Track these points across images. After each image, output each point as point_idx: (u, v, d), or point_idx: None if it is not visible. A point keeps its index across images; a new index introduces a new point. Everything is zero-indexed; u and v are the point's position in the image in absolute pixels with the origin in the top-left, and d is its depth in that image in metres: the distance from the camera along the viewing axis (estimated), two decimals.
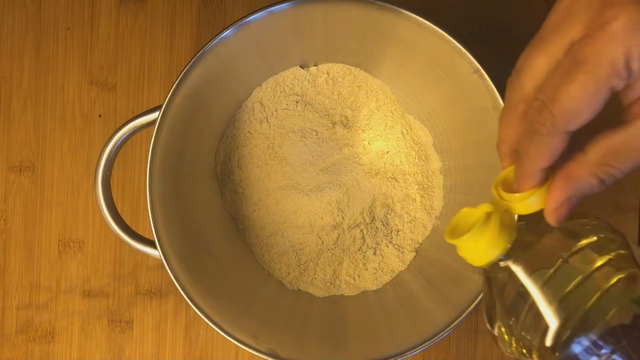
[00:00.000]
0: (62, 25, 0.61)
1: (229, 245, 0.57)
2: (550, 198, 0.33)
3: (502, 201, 0.34)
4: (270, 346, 0.49)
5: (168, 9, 0.61)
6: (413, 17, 0.47)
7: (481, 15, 0.60)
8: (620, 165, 0.31)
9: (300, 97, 0.57)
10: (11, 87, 0.61)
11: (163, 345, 0.61)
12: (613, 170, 0.31)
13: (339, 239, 0.57)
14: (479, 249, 0.34)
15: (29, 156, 0.61)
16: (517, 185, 0.34)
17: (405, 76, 0.56)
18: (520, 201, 0.33)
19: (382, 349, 0.50)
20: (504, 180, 0.35)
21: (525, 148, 0.32)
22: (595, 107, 0.29)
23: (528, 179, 0.33)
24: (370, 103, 0.58)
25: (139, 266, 0.61)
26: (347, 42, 0.54)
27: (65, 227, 0.61)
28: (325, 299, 0.58)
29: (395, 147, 0.58)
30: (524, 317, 0.34)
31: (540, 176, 0.33)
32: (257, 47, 0.52)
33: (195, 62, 0.48)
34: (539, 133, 0.31)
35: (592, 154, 0.31)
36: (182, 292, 0.48)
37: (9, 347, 0.61)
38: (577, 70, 0.29)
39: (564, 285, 0.33)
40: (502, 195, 0.34)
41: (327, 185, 0.56)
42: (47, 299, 0.61)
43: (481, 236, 0.34)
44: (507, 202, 0.34)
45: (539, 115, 0.30)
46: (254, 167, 0.57)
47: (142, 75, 0.61)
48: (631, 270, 0.33)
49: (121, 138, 0.49)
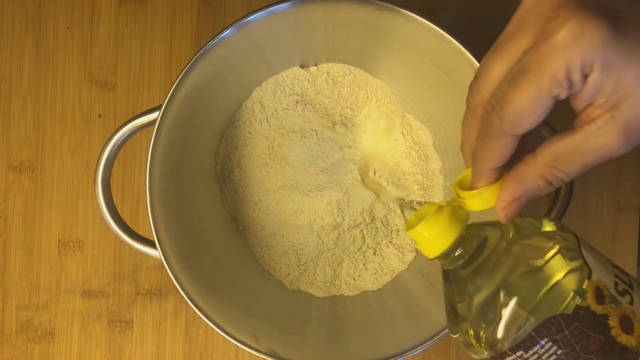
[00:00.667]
0: (62, 25, 0.61)
1: (229, 246, 0.57)
2: (500, 196, 0.34)
3: (458, 199, 0.37)
4: (270, 346, 0.49)
5: (168, 9, 0.61)
6: (413, 17, 0.47)
7: (481, 15, 0.60)
8: (567, 169, 0.32)
9: (300, 97, 0.57)
10: (11, 86, 0.61)
11: (163, 345, 0.61)
12: (560, 174, 0.33)
13: (339, 239, 0.57)
14: (431, 239, 0.36)
15: (29, 156, 0.61)
16: (473, 183, 0.36)
17: (405, 76, 0.56)
18: (472, 198, 0.36)
19: (382, 349, 0.50)
20: (462, 180, 0.37)
21: (477, 148, 0.34)
22: (538, 114, 0.31)
23: (480, 177, 0.35)
24: (370, 103, 0.58)
25: (139, 266, 0.61)
26: (347, 42, 0.54)
27: (65, 227, 0.61)
28: (325, 299, 0.58)
29: (395, 147, 0.58)
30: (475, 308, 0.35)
31: (492, 175, 0.35)
32: (257, 47, 0.52)
33: (195, 62, 0.48)
34: (487, 134, 0.33)
35: (541, 157, 0.33)
36: (182, 292, 0.48)
37: (9, 347, 0.61)
38: (522, 79, 0.31)
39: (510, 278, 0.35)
40: (458, 193, 0.37)
41: (327, 185, 0.56)
42: (47, 299, 0.61)
43: (432, 226, 0.36)
44: (462, 199, 0.36)
45: (488, 117, 0.32)
46: (254, 167, 0.57)
47: (142, 75, 0.61)
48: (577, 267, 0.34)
49: (121, 138, 0.49)
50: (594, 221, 0.61)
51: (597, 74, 0.29)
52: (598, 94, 0.30)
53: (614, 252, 0.61)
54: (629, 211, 0.61)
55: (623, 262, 0.61)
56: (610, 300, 0.34)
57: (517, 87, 0.31)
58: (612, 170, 0.60)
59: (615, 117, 0.30)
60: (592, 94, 0.30)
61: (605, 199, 0.61)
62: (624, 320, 0.34)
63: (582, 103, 0.31)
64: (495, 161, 0.34)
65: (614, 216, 0.61)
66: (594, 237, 0.61)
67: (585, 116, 0.31)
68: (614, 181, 0.60)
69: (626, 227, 0.61)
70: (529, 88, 0.30)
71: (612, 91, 0.30)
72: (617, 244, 0.61)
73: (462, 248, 0.36)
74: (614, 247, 0.61)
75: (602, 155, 0.31)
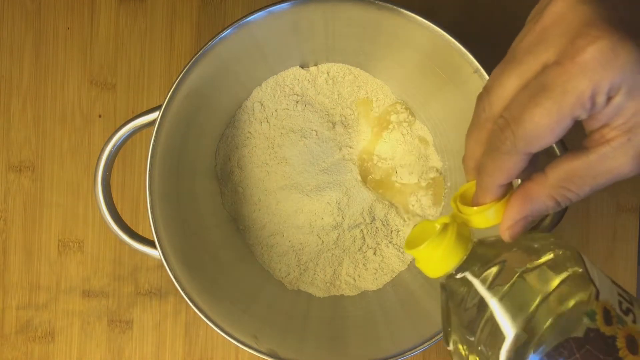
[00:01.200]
0: (62, 25, 0.61)
1: (229, 245, 0.57)
2: (506, 215, 0.33)
3: (460, 214, 0.35)
4: (270, 346, 0.49)
5: (168, 9, 0.61)
6: (413, 17, 0.47)
7: (481, 15, 0.60)
8: (577, 190, 0.32)
9: (300, 97, 0.57)
10: (11, 86, 0.61)
11: (163, 345, 0.61)
12: (570, 194, 0.32)
13: (339, 239, 0.57)
14: (435, 259, 0.34)
15: (28, 156, 0.61)
16: (476, 199, 0.34)
17: (405, 76, 0.56)
18: (476, 214, 0.34)
19: (382, 349, 0.50)
20: (463, 194, 0.36)
21: (485, 163, 0.33)
22: (556, 134, 0.30)
23: (485, 193, 0.34)
24: (370, 103, 0.58)
25: (139, 266, 0.61)
26: (347, 42, 0.54)
27: (65, 227, 0.61)
28: (325, 299, 0.58)
29: (395, 147, 0.57)
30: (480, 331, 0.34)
31: (498, 192, 0.33)
32: (257, 47, 0.52)
33: (195, 62, 0.48)
34: (499, 151, 0.31)
35: (552, 176, 0.32)
36: (182, 292, 0.48)
37: (9, 347, 0.61)
38: (543, 96, 0.29)
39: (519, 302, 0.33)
40: (460, 208, 0.35)
41: (327, 185, 0.56)
42: (47, 299, 0.61)
43: (437, 247, 0.34)
44: (465, 215, 0.35)
45: (501, 133, 0.31)
46: (254, 167, 0.57)
47: (142, 75, 0.61)
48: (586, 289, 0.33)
49: (121, 138, 0.49)
50: (594, 221, 0.61)
51: (622, 97, 0.29)
52: (616, 116, 0.29)
53: (614, 252, 0.61)
54: (629, 211, 0.61)
55: (623, 262, 0.61)
56: (617, 321, 0.33)
57: (537, 105, 0.29)
58: None
59: (632, 139, 0.29)
60: (611, 116, 0.29)
61: (605, 199, 0.61)
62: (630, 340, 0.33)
63: (597, 124, 0.30)
64: (503, 178, 0.32)
65: (614, 216, 0.61)
66: (594, 237, 0.61)
67: (599, 136, 0.30)
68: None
69: (626, 227, 0.61)
70: (550, 107, 0.29)
71: (633, 114, 0.29)
72: (617, 244, 0.61)
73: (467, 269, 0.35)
74: (614, 247, 0.61)
75: (614, 177, 0.30)
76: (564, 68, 0.29)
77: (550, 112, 0.29)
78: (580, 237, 0.61)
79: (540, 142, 0.30)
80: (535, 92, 0.30)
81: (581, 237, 0.61)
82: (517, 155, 0.31)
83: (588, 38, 0.28)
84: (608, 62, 0.28)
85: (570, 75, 0.29)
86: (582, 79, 0.28)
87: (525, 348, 0.33)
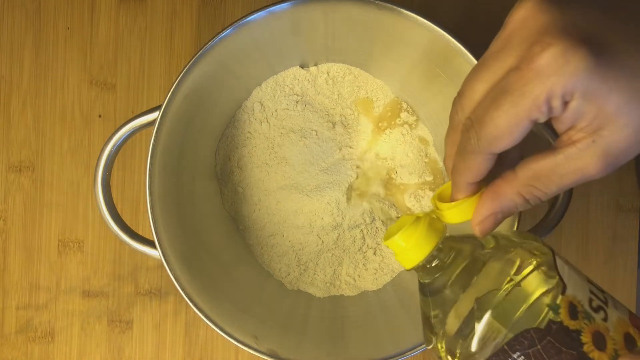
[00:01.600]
0: (62, 25, 0.61)
1: (229, 246, 0.57)
2: (476, 211, 0.35)
3: (436, 210, 0.37)
4: (270, 346, 0.49)
5: (168, 9, 0.61)
6: (413, 16, 0.47)
7: (481, 14, 0.60)
8: (545, 189, 0.33)
9: (300, 97, 0.57)
10: (11, 86, 0.61)
11: (163, 346, 0.61)
12: (537, 192, 0.33)
13: (339, 239, 0.57)
14: (408, 249, 0.36)
15: (28, 156, 0.61)
16: (451, 196, 0.36)
17: (405, 76, 0.56)
18: (449, 210, 0.36)
19: (382, 349, 0.50)
20: (443, 192, 0.38)
21: (456, 162, 0.35)
22: (515, 135, 0.31)
23: (458, 190, 0.36)
24: (370, 103, 0.58)
25: (139, 266, 0.61)
26: (347, 42, 0.54)
27: (65, 227, 0.61)
28: (325, 299, 0.58)
29: (395, 147, 0.57)
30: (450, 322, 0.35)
31: (469, 189, 0.35)
32: (257, 47, 0.52)
33: (195, 62, 0.48)
34: (465, 151, 0.33)
35: (521, 175, 0.33)
36: (182, 292, 0.48)
37: (9, 347, 0.61)
38: (502, 99, 0.31)
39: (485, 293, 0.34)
40: (436, 205, 0.37)
41: (327, 185, 0.56)
42: (47, 299, 0.61)
43: (409, 237, 0.36)
44: (439, 211, 0.37)
45: (467, 134, 0.33)
46: (253, 167, 0.57)
47: (142, 75, 0.61)
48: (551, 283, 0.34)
49: (121, 138, 0.49)
50: (594, 221, 0.61)
51: (578, 102, 0.30)
52: (579, 118, 0.30)
53: (614, 252, 0.61)
54: (629, 211, 0.61)
55: (623, 262, 0.61)
56: (584, 316, 0.34)
57: (497, 108, 0.31)
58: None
59: (596, 141, 0.30)
60: (573, 119, 0.30)
61: (605, 199, 0.61)
62: (597, 337, 0.33)
63: (564, 126, 0.31)
64: (471, 176, 0.34)
65: (614, 216, 0.61)
66: (594, 237, 0.61)
67: (566, 138, 0.31)
68: (614, 181, 0.60)
69: (626, 227, 0.61)
70: (508, 109, 0.30)
71: (594, 117, 0.30)
72: (617, 244, 0.61)
73: (438, 259, 0.36)
74: (614, 247, 0.61)
75: (580, 177, 0.31)
76: (521, 73, 0.30)
77: (509, 115, 0.30)
78: (580, 237, 0.61)
79: (500, 142, 0.32)
80: (496, 96, 0.31)
81: (581, 237, 0.61)
82: (482, 155, 0.33)
83: (542, 44, 0.30)
84: (560, 68, 0.29)
85: (527, 80, 0.30)
86: (537, 83, 0.30)
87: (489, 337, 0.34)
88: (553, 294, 0.34)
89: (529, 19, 0.31)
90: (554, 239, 0.61)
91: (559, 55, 0.29)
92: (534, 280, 0.34)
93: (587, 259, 0.61)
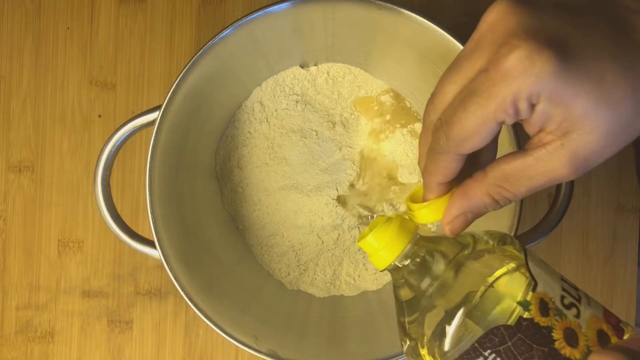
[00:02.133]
0: (62, 25, 0.61)
1: (229, 246, 0.57)
2: (446, 211, 0.35)
3: (409, 211, 0.37)
4: (270, 346, 0.49)
5: (168, 9, 0.61)
6: (413, 16, 0.47)
7: (481, 14, 0.60)
8: (514, 190, 0.33)
9: (300, 97, 0.57)
10: (11, 87, 0.61)
11: (163, 346, 0.61)
12: (506, 193, 0.33)
13: (339, 239, 0.57)
14: (380, 250, 0.36)
15: (28, 156, 0.61)
16: (423, 196, 0.36)
17: (405, 76, 0.56)
18: (420, 210, 0.36)
19: (382, 349, 0.50)
20: (416, 193, 0.38)
21: (427, 163, 0.35)
22: (483, 136, 0.31)
23: (428, 191, 0.36)
24: (370, 103, 0.58)
25: (139, 266, 0.61)
26: (347, 41, 0.54)
27: (65, 227, 0.61)
28: (325, 299, 0.58)
29: (395, 147, 0.57)
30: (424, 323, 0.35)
31: (440, 189, 0.35)
32: (257, 47, 0.52)
33: (195, 62, 0.48)
34: (434, 151, 0.34)
35: (491, 175, 0.33)
36: (182, 292, 0.48)
37: (8, 347, 0.61)
38: (470, 100, 0.31)
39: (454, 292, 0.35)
40: (408, 205, 0.37)
41: (327, 185, 0.56)
42: (47, 299, 0.61)
43: (381, 237, 0.36)
44: (411, 212, 0.37)
45: (437, 134, 0.33)
46: (253, 167, 0.57)
47: (142, 75, 0.61)
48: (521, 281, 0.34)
49: (121, 138, 0.49)
50: (594, 221, 0.61)
51: (544, 105, 0.30)
52: (548, 121, 0.30)
53: (614, 252, 0.61)
54: (629, 211, 0.61)
55: (623, 262, 0.61)
56: (555, 313, 0.34)
57: (465, 109, 0.31)
58: (612, 170, 0.60)
59: (565, 144, 0.30)
60: (541, 122, 0.30)
61: (605, 199, 0.61)
62: (569, 333, 0.33)
63: (533, 129, 0.31)
64: (441, 177, 0.34)
65: (614, 216, 0.61)
66: (593, 237, 0.61)
67: (537, 140, 0.31)
68: (614, 181, 0.60)
69: (626, 227, 0.61)
70: (475, 111, 0.31)
71: (563, 120, 0.30)
72: (617, 244, 0.61)
73: (410, 259, 0.36)
74: (614, 247, 0.61)
75: (549, 179, 0.32)
76: (489, 75, 0.30)
77: (476, 116, 0.31)
78: (580, 237, 0.61)
79: (468, 143, 0.32)
80: (465, 97, 0.31)
81: (581, 237, 0.61)
82: (450, 155, 0.33)
83: (509, 46, 0.30)
84: (526, 70, 0.29)
85: (494, 82, 0.30)
86: (503, 85, 0.30)
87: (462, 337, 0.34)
88: (523, 291, 0.34)
89: (500, 22, 0.31)
90: (554, 239, 0.61)
91: (525, 57, 0.29)
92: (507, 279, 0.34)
93: (587, 259, 0.61)
